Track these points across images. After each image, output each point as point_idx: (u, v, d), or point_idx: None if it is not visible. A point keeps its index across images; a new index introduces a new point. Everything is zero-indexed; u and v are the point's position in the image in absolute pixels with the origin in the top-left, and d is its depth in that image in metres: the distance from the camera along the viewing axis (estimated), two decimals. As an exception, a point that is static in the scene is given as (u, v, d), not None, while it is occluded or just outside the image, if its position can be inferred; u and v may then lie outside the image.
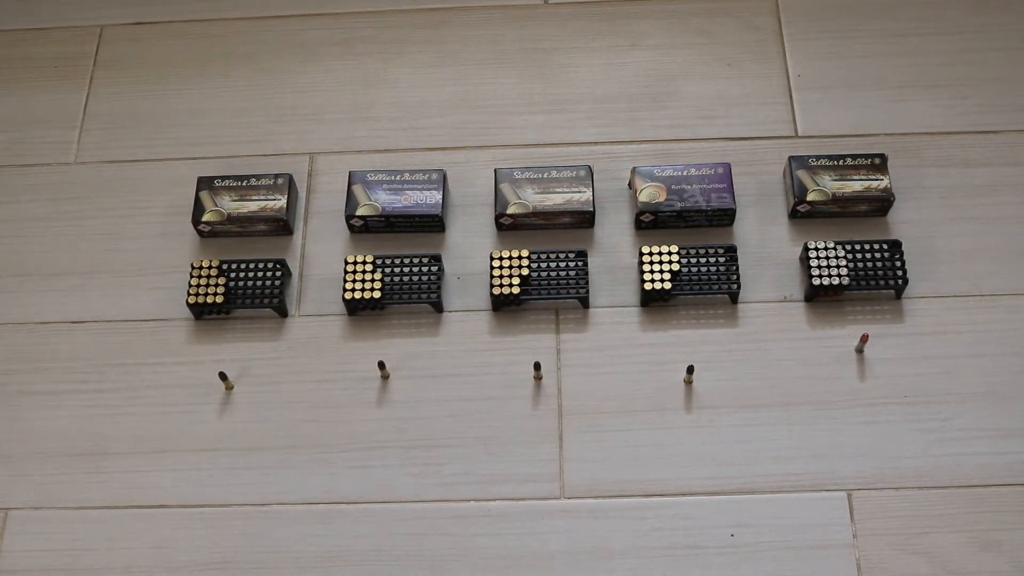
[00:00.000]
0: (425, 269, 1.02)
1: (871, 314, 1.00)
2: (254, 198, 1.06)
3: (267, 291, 1.02)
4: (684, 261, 1.00)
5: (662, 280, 1.00)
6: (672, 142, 1.11)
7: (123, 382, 1.00)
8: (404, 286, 1.01)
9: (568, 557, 0.91)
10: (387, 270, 1.02)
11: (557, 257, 1.02)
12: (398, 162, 1.11)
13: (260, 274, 1.02)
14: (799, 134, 1.11)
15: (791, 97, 1.13)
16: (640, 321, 1.01)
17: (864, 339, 0.96)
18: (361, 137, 1.13)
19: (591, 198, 1.04)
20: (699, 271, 1.00)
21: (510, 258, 1.01)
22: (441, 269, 1.03)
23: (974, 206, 1.05)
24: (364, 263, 1.02)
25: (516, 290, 1.00)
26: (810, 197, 1.03)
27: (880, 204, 1.04)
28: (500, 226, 1.06)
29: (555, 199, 1.04)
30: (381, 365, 0.98)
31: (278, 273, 1.02)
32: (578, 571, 0.91)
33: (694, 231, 1.05)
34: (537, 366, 0.97)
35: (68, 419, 0.99)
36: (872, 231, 1.04)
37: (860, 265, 1.00)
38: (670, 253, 1.01)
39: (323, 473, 0.96)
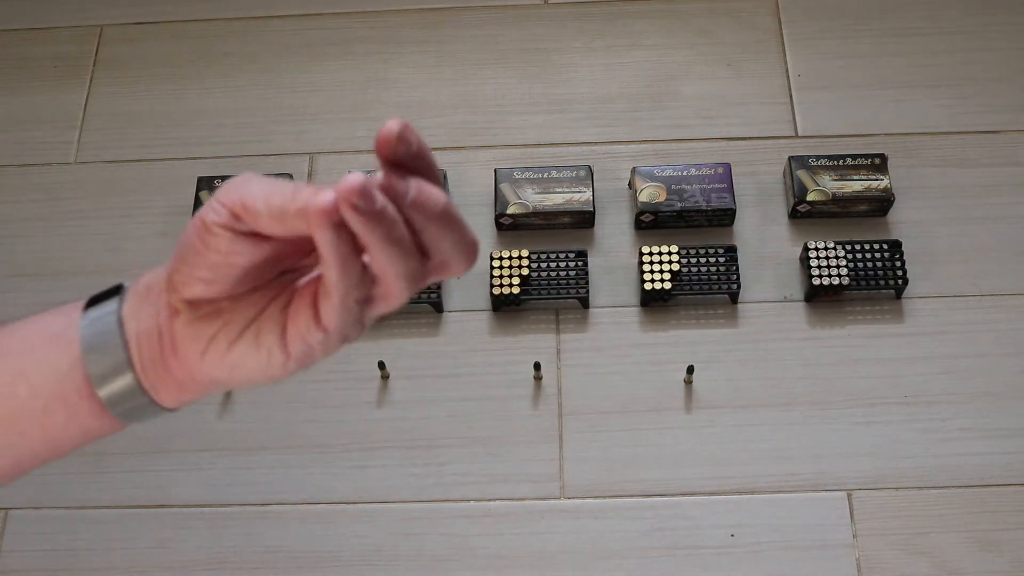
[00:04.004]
0: (425, 269, 1.02)
1: (871, 314, 1.00)
2: (254, 198, 1.06)
3: (267, 291, 1.01)
4: (684, 261, 1.00)
5: (662, 280, 1.00)
6: (672, 142, 1.11)
7: (123, 382, 1.00)
8: (404, 286, 1.01)
9: (568, 557, 0.91)
10: (387, 270, 1.02)
11: (557, 257, 1.02)
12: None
13: (260, 274, 1.02)
14: (799, 134, 1.11)
15: (791, 97, 1.13)
16: (640, 321, 1.01)
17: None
18: (361, 137, 1.13)
19: (591, 198, 1.04)
20: (699, 271, 1.00)
21: (510, 258, 1.01)
22: (441, 269, 1.03)
23: (974, 206, 1.05)
24: (364, 263, 1.02)
25: (516, 290, 1.00)
26: (810, 197, 1.03)
27: (880, 204, 1.04)
28: (500, 226, 1.06)
29: (555, 199, 1.04)
30: (381, 365, 0.98)
31: (278, 273, 1.02)
32: (578, 571, 0.91)
33: (694, 231, 1.05)
34: (537, 366, 0.97)
35: (68, 419, 0.99)
36: (872, 231, 1.04)
37: (860, 265, 1.00)
38: (670, 253, 1.01)
39: (323, 473, 0.96)
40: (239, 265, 0.44)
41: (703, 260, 1.01)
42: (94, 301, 0.47)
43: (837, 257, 1.00)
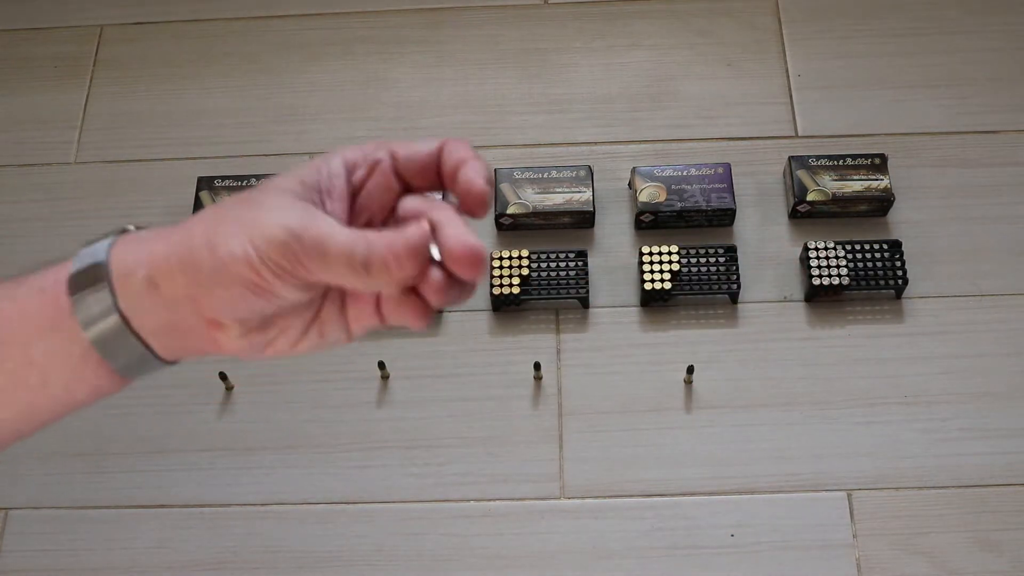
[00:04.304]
0: (425, 269, 1.02)
1: (871, 314, 1.00)
2: (254, 198, 1.06)
3: (267, 291, 1.01)
4: (684, 261, 1.00)
5: (662, 280, 1.00)
6: (672, 142, 1.11)
7: (123, 382, 1.00)
8: (404, 286, 1.01)
9: (568, 557, 0.91)
10: (387, 270, 1.02)
11: (557, 257, 1.02)
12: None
13: (260, 274, 1.02)
14: (799, 134, 1.11)
15: (791, 97, 1.13)
16: (640, 321, 1.01)
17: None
18: (361, 137, 1.13)
19: (591, 198, 1.04)
20: (699, 271, 1.00)
21: (510, 258, 1.01)
22: (441, 269, 1.03)
23: (974, 206, 1.05)
24: (364, 263, 1.02)
25: (516, 290, 1.00)
26: (810, 197, 1.03)
27: (880, 204, 1.04)
28: (500, 226, 1.06)
29: (555, 199, 1.04)
30: (381, 365, 0.98)
31: (278, 273, 1.02)
32: (578, 571, 0.91)
33: (694, 231, 1.05)
34: (537, 366, 0.97)
35: (68, 419, 0.98)
36: (872, 231, 1.04)
37: (860, 265, 1.00)
38: (670, 253, 1.01)
39: (323, 473, 0.96)
40: (300, 300, 0.44)
41: (703, 260, 1.01)
42: (76, 283, 0.45)
43: (837, 257, 1.00)
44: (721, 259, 1.01)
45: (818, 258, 1.00)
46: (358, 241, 0.41)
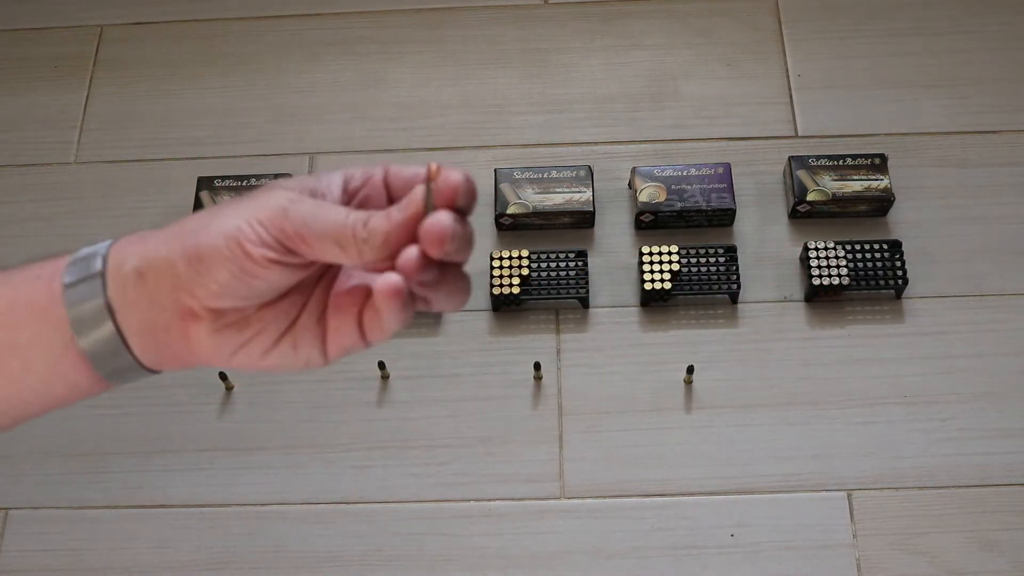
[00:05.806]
0: (425, 269, 1.02)
1: (871, 314, 1.00)
2: (254, 198, 1.06)
3: (267, 291, 1.01)
4: (684, 261, 1.01)
5: (662, 280, 1.00)
6: (672, 142, 1.11)
7: (123, 382, 1.00)
8: (404, 286, 1.01)
9: (568, 557, 0.91)
10: (387, 270, 1.02)
11: (557, 257, 1.02)
12: (398, 162, 1.11)
13: (260, 274, 1.02)
14: (799, 134, 1.11)
15: (791, 97, 1.13)
16: (640, 321, 1.01)
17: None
18: (361, 137, 1.13)
19: (591, 198, 1.04)
20: (699, 271, 1.00)
21: (510, 258, 1.01)
22: (441, 269, 1.03)
23: (974, 206, 1.05)
24: (364, 263, 1.02)
25: (516, 290, 1.00)
26: (810, 197, 1.03)
27: (880, 204, 1.04)
28: (500, 226, 1.06)
29: (555, 199, 1.04)
30: (381, 365, 0.98)
31: (278, 273, 1.02)
32: (578, 571, 0.91)
33: (694, 231, 1.05)
34: (537, 366, 0.97)
35: (68, 419, 0.99)
36: (872, 231, 1.04)
37: (860, 265, 1.00)
38: (670, 253, 1.01)
39: (323, 473, 0.96)
40: (282, 288, 0.44)
41: (703, 260, 1.01)
42: (72, 271, 0.45)
43: (837, 257, 1.00)
44: (721, 259, 1.01)
45: (818, 258, 1.00)
46: (351, 209, 0.44)
